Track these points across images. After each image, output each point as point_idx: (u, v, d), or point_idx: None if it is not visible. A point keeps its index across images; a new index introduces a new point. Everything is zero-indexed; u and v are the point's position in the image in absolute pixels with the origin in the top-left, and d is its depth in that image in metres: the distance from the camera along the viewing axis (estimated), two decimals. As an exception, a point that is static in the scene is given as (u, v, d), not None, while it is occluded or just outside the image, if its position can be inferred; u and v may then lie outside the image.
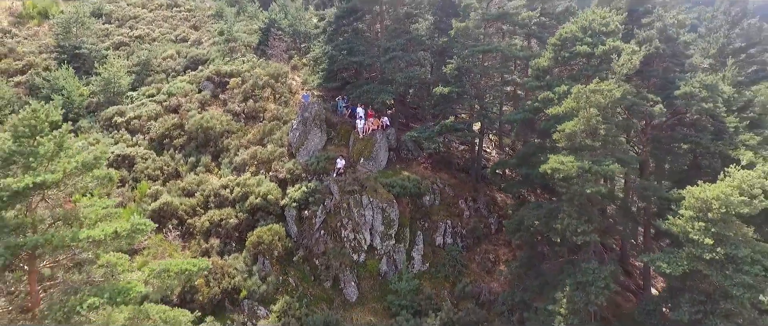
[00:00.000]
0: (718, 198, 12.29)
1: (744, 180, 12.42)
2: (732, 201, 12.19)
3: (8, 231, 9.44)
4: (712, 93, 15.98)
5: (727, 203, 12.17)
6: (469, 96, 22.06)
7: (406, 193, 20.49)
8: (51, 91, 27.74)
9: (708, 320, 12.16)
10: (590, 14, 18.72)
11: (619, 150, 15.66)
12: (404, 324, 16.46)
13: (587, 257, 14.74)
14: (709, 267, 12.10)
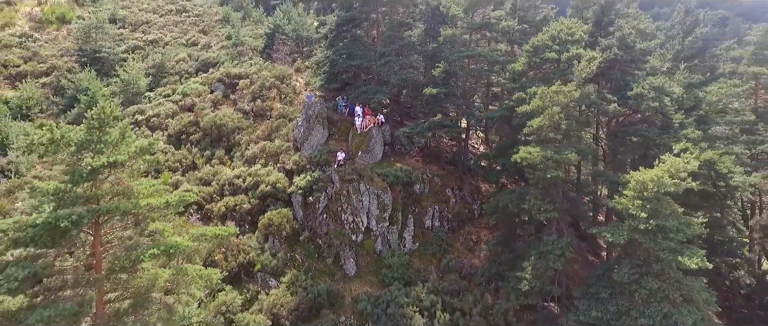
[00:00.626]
0: (652, 180, 14.97)
1: (673, 165, 15.09)
2: (663, 183, 14.86)
3: (82, 202, 12.08)
4: (658, 93, 18.68)
5: (660, 184, 14.84)
6: (456, 96, 24.72)
7: (398, 182, 23.16)
8: (76, 91, 30.35)
9: (643, 280, 14.84)
10: (559, 25, 21.44)
11: (579, 142, 18.33)
12: (396, 292, 19.09)
13: (550, 232, 17.44)
14: (644, 236, 14.77)
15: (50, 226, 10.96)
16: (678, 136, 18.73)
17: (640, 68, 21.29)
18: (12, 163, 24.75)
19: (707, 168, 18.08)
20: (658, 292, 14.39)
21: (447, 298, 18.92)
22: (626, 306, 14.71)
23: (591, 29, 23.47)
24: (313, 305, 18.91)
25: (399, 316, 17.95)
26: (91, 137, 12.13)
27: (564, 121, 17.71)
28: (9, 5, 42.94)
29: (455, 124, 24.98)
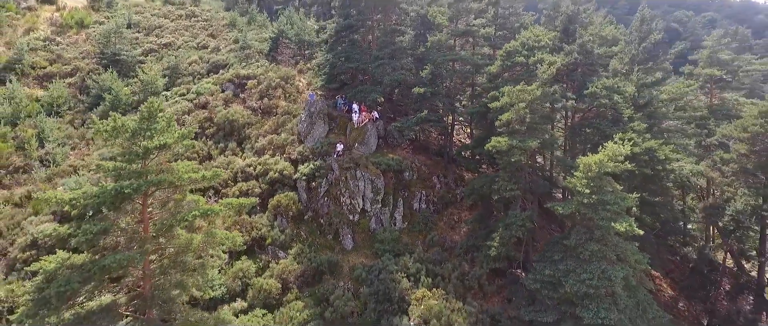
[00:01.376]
0: (595, 163, 18.24)
1: (612, 150, 18.38)
2: (604, 164, 18.15)
3: (135, 177, 15.32)
4: (609, 92, 22.00)
5: (601, 165, 18.12)
6: (441, 95, 28.04)
7: (390, 170, 26.45)
8: (100, 90, 33.60)
9: (587, 244, 18.11)
10: (528, 33, 24.76)
11: (542, 133, 21.62)
12: (387, 262, 22.35)
13: (515, 207, 20.76)
14: (587, 209, 18.05)
15: (117, 193, 14.23)
16: (625, 127, 22.03)
17: (598, 71, 24.60)
18: (49, 153, 27.97)
19: (648, 155, 21.39)
20: (598, 253, 17.68)
21: (430, 266, 22.22)
22: (573, 265, 18.00)
23: (559, 36, 26.76)
24: (316, 272, 22.19)
25: (389, 281, 21.21)
26: (143, 125, 15.40)
27: (529, 116, 21.00)
28: (31, 10, 46.17)
29: (440, 118, 28.28)
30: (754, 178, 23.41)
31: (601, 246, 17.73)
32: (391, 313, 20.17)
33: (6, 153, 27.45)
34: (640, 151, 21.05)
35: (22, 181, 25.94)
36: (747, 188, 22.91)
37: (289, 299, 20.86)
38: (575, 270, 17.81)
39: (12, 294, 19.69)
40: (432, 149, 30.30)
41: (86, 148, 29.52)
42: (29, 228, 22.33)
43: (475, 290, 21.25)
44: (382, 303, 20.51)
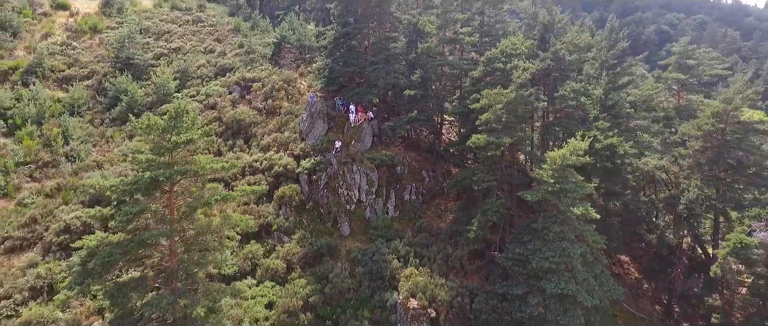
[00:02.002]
0: (559, 156, 21.10)
1: (574, 146, 21.23)
2: (567, 158, 21.00)
3: (164, 167, 18.08)
4: (576, 95, 24.87)
5: (564, 158, 20.97)
6: (430, 97, 30.88)
7: (384, 164, 29.28)
8: (116, 92, 36.33)
9: (551, 226, 20.92)
10: (507, 41, 27.58)
11: (516, 131, 24.42)
12: (380, 245, 25.15)
13: (492, 196, 23.61)
14: (552, 196, 20.89)
15: (151, 180, 17.02)
16: (591, 126, 24.90)
17: (569, 75, 27.46)
18: (73, 150, 30.72)
19: (610, 150, 24.26)
20: (560, 234, 20.51)
21: (418, 249, 25.05)
22: (539, 245, 20.82)
23: (536, 44, 29.62)
24: (317, 254, 25.00)
25: (381, 262, 24.03)
26: (171, 124, 18.19)
27: (505, 116, 23.84)
28: (46, 16, 48.88)
29: (430, 118, 31.14)
30: (708, 171, 26.30)
31: (563, 228, 20.58)
32: (383, 289, 23.01)
33: (34, 149, 30.19)
34: (602, 147, 23.94)
35: (51, 175, 28.69)
36: (700, 180, 25.75)
37: (293, 277, 23.68)
38: (541, 249, 20.66)
39: (50, 272, 22.45)
40: (422, 146, 33.15)
41: (106, 145, 32.27)
42: (61, 216, 25.09)
43: (457, 269, 24.08)
44: (375, 280, 23.35)
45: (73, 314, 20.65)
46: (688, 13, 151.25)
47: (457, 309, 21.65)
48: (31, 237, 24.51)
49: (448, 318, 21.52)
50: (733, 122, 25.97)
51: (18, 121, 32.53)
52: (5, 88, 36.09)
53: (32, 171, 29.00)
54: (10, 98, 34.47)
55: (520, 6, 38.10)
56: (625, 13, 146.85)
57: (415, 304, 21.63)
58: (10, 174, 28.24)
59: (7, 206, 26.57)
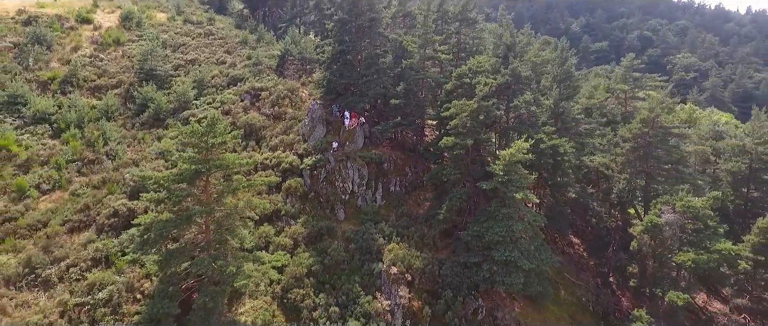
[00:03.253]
0: (509, 154, 26.97)
1: (519, 146, 27.08)
2: (514, 155, 26.87)
3: (204, 162, 23.86)
4: (527, 105, 30.76)
5: (511, 156, 26.84)
6: (413, 104, 36.75)
7: (373, 162, 35.13)
8: (143, 100, 42.03)
9: (501, 209, 26.78)
10: (474, 60, 33.45)
11: (478, 134, 30.26)
12: (368, 227, 30.91)
13: (458, 186, 29.52)
14: (501, 185, 26.76)
15: (195, 172, 22.81)
16: (539, 130, 30.81)
17: (524, 89, 33.32)
18: (112, 150, 36.43)
19: (553, 149, 30.16)
20: (507, 214, 26.35)
21: (399, 230, 30.89)
22: (491, 223, 26.66)
23: (500, 61, 35.50)
24: (318, 234, 30.78)
25: (369, 239, 29.83)
26: (209, 129, 23.98)
27: (469, 122, 29.75)
28: (73, 30, 54.58)
29: (411, 122, 37.01)
30: (637, 167, 32.27)
31: (509, 210, 26.48)
32: (371, 261, 28.85)
33: (79, 149, 35.92)
34: (546, 146, 29.87)
35: (95, 171, 34.40)
36: (629, 174, 31.71)
37: (299, 252, 29.48)
38: (492, 227, 26.54)
39: (105, 246, 28.12)
40: (406, 146, 39.04)
41: (138, 146, 37.98)
42: (110, 203, 30.81)
43: (430, 245, 29.95)
44: (364, 254, 29.20)
45: (127, 278, 26.35)
46: (671, 18, 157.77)
47: (429, 274, 27.54)
48: (86, 220, 30.23)
49: (421, 282, 27.41)
50: (657, 127, 31.94)
51: (62, 125, 38.24)
52: (47, 96, 41.81)
53: (80, 167, 34.72)
54: (52, 105, 40.16)
55: (489, 27, 43.88)
56: (611, 19, 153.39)
57: (395, 271, 27.52)
58: (62, 170, 33.96)
59: (63, 196, 32.31)
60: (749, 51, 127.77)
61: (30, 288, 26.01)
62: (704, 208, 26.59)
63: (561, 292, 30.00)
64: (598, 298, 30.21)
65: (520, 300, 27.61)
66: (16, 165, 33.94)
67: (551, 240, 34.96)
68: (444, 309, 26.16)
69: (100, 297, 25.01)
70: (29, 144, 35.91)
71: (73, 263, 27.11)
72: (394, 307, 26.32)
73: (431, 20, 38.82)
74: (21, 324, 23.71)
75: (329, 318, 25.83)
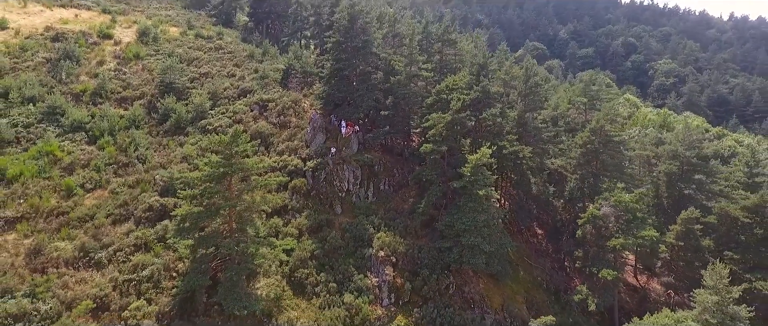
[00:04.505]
0: (475, 158, 33.15)
1: (483, 152, 33.24)
2: (480, 159, 33.04)
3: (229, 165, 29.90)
4: (493, 117, 36.92)
5: (478, 160, 33.02)
6: (399, 116, 42.89)
7: (366, 164, 41.26)
8: (165, 110, 48.01)
9: (468, 203, 32.91)
10: (450, 79, 39.62)
11: (451, 142, 36.38)
12: (361, 219, 37.00)
13: (435, 185, 35.69)
14: (469, 184, 32.89)
15: (223, 173, 28.88)
16: (504, 138, 36.98)
17: (493, 103, 39.47)
18: (142, 155, 42.41)
19: (514, 154, 36.32)
20: (473, 208, 32.45)
21: (387, 222, 37.02)
22: (460, 215, 32.82)
23: (474, 78, 41.71)
24: (319, 226, 36.85)
25: (362, 229, 35.95)
26: (233, 140, 30.04)
27: (444, 131, 35.92)
28: (96, 45, 60.54)
29: (399, 131, 43.18)
30: (585, 169, 38.49)
31: (474, 204, 32.66)
32: (363, 247, 34.98)
33: (114, 154, 41.90)
34: (508, 152, 36.07)
35: (129, 172, 40.38)
36: (579, 175, 37.91)
37: (303, 239, 35.57)
38: (461, 218, 32.71)
39: (143, 235, 34.13)
40: (395, 151, 45.22)
41: (164, 151, 43.95)
42: (145, 200, 36.81)
43: (412, 233, 36.12)
44: (357, 241, 35.33)
45: (164, 260, 32.39)
46: (655, 25, 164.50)
47: (410, 257, 33.73)
48: (125, 213, 36.24)
49: (404, 263, 33.59)
50: (603, 135, 38.16)
51: (96, 133, 44.19)
52: (81, 107, 47.79)
53: (115, 169, 40.70)
54: (86, 115, 46.13)
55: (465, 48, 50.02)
56: (597, 26, 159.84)
57: (382, 254, 33.69)
58: (101, 172, 39.95)
59: (104, 194, 38.30)
60: (727, 57, 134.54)
61: (85, 268, 32.01)
62: (632, 202, 32.79)
63: (520, 273, 36.21)
64: (551, 278, 36.44)
65: (484, 278, 33.78)
66: (61, 167, 39.91)
67: (517, 230, 41.24)
68: (421, 285, 32.34)
69: (143, 275, 31.10)
70: (71, 149, 41.87)
71: (119, 248, 33.13)
72: (381, 283, 32.50)
73: (416, 41, 45.08)
74: (83, 295, 29.75)
75: (328, 291, 31.98)
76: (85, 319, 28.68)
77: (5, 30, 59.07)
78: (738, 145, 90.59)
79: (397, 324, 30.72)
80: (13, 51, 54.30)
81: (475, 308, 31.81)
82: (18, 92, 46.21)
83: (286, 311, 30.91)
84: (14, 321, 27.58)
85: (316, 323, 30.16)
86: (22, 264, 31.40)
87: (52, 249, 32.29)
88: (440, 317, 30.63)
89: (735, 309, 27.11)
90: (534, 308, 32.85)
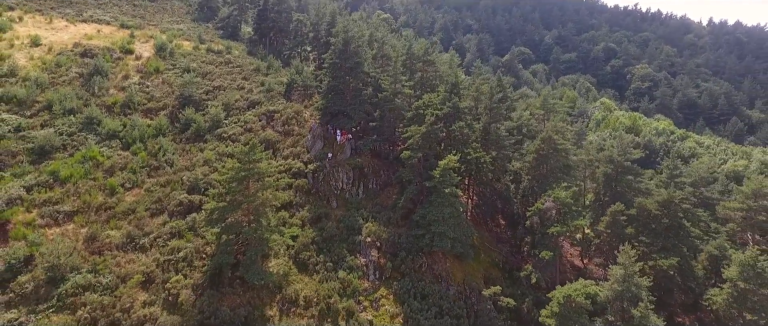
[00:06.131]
0: (443, 164, 41.45)
1: (450, 158, 41.53)
2: (447, 164, 41.35)
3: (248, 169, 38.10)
4: (460, 128, 45.22)
5: (445, 165, 41.31)
6: (385, 126, 51.14)
7: (358, 167, 49.54)
8: (187, 120, 56.07)
9: (437, 199, 41.20)
10: (427, 96, 47.91)
11: (426, 149, 44.69)
12: (353, 212, 45.36)
13: (412, 185, 44.04)
14: (438, 183, 41.21)
15: (245, 174, 37.10)
16: (470, 145, 45.29)
17: (462, 116, 47.76)
18: (169, 159, 50.50)
19: (477, 159, 44.65)
20: (441, 203, 40.76)
21: (374, 214, 45.34)
22: (431, 209, 41.14)
23: (447, 96, 49.97)
24: (318, 218, 45.15)
25: (353, 220, 44.29)
26: (250, 150, 38.23)
27: (420, 141, 44.25)
28: (120, 60, 68.44)
29: (385, 139, 51.46)
30: (535, 172, 46.89)
31: (442, 200, 41.01)
32: (354, 234, 43.30)
33: (146, 158, 50.04)
34: (472, 158, 44.42)
35: (160, 174, 48.53)
36: (531, 177, 46.29)
37: (305, 228, 43.90)
38: (431, 211, 41.06)
39: (177, 225, 42.33)
40: (382, 155, 53.54)
41: (187, 156, 52.09)
42: (175, 196, 44.96)
43: (394, 223, 44.45)
44: (349, 230, 43.66)
45: (195, 245, 40.61)
46: (636, 30, 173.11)
47: (391, 242, 42.10)
48: (160, 207, 44.40)
49: (386, 247, 41.96)
50: (551, 143, 46.54)
51: (129, 140, 52.28)
52: (113, 117, 55.81)
53: (148, 171, 48.88)
54: (119, 125, 54.20)
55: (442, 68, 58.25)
56: (581, 31, 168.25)
57: (369, 240, 42.06)
58: (136, 173, 48.09)
59: (141, 192, 46.45)
60: (700, 62, 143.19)
61: (132, 251, 40.23)
62: (568, 198, 41.19)
63: (482, 255, 44.66)
64: (507, 259, 44.91)
65: (450, 259, 42.15)
66: (103, 170, 48.03)
67: (483, 221, 49.70)
68: (400, 264, 40.76)
69: (179, 256, 39.35)
70: (109, 154, 49.99)
71: (158, 235, 41.36)
72: (368, 262, 40.88)
73: (400, 62, 53.30)
74: (133, 272, 37.97)
75: (326, 269, 40.33)
76: (136, 289, 36.93)
77: (39, 46, 66.87)
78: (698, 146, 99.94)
79: (380, 294, 39.12)
80: (49, 66, 62.19)
81: (442, 282, 40.21)
82: (60, 105, 54.15)
83: (292, 284, 39.21)
84: (83, 290, 35.81)
85: (316, 293, 38.49)
86: (82, 248, 39.61)
87: (105, 236, 40.51)
88: (414, 288, 39.02)
89: (637, 280, 35.62)
90: (490, 282, 41.26)
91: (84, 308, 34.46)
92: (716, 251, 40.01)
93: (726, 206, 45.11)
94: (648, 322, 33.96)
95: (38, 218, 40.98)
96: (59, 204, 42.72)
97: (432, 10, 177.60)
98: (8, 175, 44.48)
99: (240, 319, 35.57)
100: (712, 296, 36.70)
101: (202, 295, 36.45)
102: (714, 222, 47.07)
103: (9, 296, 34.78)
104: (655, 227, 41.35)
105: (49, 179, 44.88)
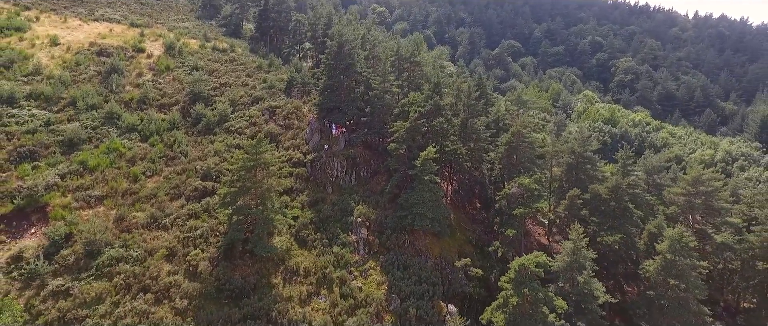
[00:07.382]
0: (423, 155, 48.03)
1: (429, 150, 48.05)
2: (427, 155, 47.88)
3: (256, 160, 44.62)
4: (441, 124, 51.72)
5: (425, 155, 47.86)
6: (375, 121, 57.57)
7: (351, 158, 56.04)
8: (197, 115, 62.29)
9: (419, 185, 47.84)
10: (412, 95, 54.29)
11: (410, 141, 51.21)
12: (346, 197, 52.05)
13: (397, 173, 50.67)
14: (419, 171, 47.81)
15: (254, 164, 43.62)
16: (449, 139, 51.83)
17: (442, 113, 54.21)
18: (183, 150, 56.86)
19: (455, 151, 51.21)
20: (421, 188, 47.42)
21: (365, 198, 52.03)
22: (413, 193, 47.77)
23: (430, 94, 56.35)
24: (315, 202, 51.79)
25: (346, 204, 50.98)
26: (258, 142, 44.68)
27: (405, 134, 50.77)
28: (133, 59, 74.31)
29: (376, 133, 57.96)
30: (506, 161, 53.57)
31: (422, 185, 47.69)
32: (347, 215, 50.02)
33: (163, 149, 56.42)
34: (450, 150, 51.01)
35: (176, 163, 54.96)
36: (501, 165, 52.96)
37: (304, 210, 50.60)
38: (413, 196, 47.75)
39: (193, 207, 48.91)
40: (373, 147, 60.11)
41: (199, 147, 58.47)
42: (191, 182, 51.47)
43: (382, 206, 51.18)
44: (343, 212, 50.39)
45: (210, 224, 47.25)
46: (622, 23, 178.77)
47: (379, 221, 48.92)
48: (178, 193, 50.93)
49: (375, 226, 48.77)
50: (519, 136, 53.13)
51: (146, 133, 58.55)
52: (131, 112, 62.00)
53: (166, 161, 55.30)
54: (137, 119, 60.43)
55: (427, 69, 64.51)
56: (569, 25, 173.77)
57: (360, 220, 48.85)
58: (155, 163, 54.51)
59: (160, 179, 52.93)
60: (681, 55, 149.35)
61: (156, 229, 46.84)
62: (530, 184, 47.92)
63: (457, 234, 51.55)
64: (480, 237, 51.84)
65: (429, 236, 48.98)
66: (126, 160, 54.39)
67: (461, 204, 56.54)
68: (386, 240, 47.61)
69: (197, 234, 46.02)
70: (130, 146, 56.32)
71: (177, 216, 47.98)
72: (358, 239, 47.73)
73: (389, 63, 59.56)
74: (158, 247, 44.63)
75: (322, 245, 47.12)
76: (162, 262, 43.65)
77: (58, 45, 72.66)
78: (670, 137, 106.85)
79: (369, 266, 46.03)
80: (70, 65, 68.10)
81: (421, 255, 47.10)
82: (83, 101, 60.24)
83: (294, 257, 46.01)
84: (117, 262, 42.50)
85: (314, 265, 45.34)
86: (113, 227, 46.20)
87: (132, 217, 47.11)
88: (398, 261, 45.89)
89: (585, 253, 42.56)
90: (463, 256, 48.16)
91: (119, 276, 41.09)
92: (655, 229, 46.95)
93: (671, 191, 51.98)
94: (590, 287, 40.98)
95: (73, 201, 47.45)
96: (90, 189, 49.16)
97: (426, 3, 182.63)
98: (43, 164, 50.85)
99: (250, 286, 42.37)
100: (646, 266, 43.67)
101: (217, 266, 43.19)
102: (662, 205, 54.01)
103: (55, 266, 41.39)
104: (604, 209, 48.22)
105: (80, 168, 51.25)
